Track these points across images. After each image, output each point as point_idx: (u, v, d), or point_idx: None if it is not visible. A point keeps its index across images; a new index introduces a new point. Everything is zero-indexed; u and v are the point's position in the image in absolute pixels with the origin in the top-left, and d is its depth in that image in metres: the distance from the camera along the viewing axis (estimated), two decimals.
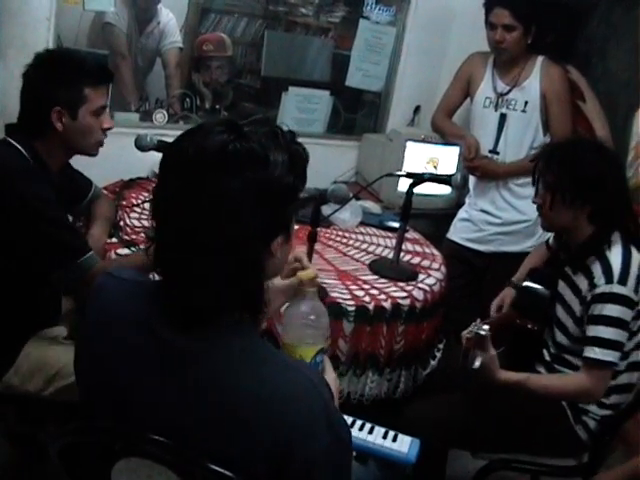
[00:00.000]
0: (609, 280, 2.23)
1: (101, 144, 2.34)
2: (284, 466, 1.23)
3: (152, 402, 1.29)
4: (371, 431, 2.08)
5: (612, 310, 2.22)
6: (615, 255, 2.27)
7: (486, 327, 2.27)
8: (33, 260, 2.15)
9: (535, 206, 2.45)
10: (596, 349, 2.23)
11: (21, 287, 2.20)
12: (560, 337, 2.43)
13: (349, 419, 2.09)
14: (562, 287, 2.44)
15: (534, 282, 2.57)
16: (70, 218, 2.57)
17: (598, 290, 2.25)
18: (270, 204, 1.26)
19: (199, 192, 1.22)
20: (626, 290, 2.22)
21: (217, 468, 1.22)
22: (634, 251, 2.30)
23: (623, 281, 2.23)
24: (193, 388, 1.26)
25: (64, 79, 2.20)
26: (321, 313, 1.66)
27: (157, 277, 1.35)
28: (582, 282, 2.34)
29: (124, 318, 1.35)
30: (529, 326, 2.56)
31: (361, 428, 2.09)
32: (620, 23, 3.35)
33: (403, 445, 2.05)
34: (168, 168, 1.30)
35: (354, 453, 1.71)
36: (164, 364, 1.28)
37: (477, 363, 2.23)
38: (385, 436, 2.07)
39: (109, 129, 2.33)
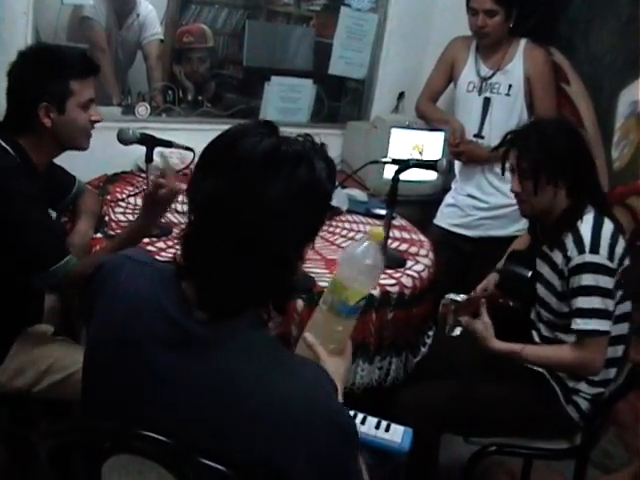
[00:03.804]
0: (581, 250, 2.26)
1: (90, 135, 2.32)
2: (286, 465, 1.23)
3: (158, 391, 1.29)
4: (363, 421, 2.09)
5: (588, 279, 2.24)
6: (586, 226, 2.30)
7: (463, 295, 2.30)
8: (12, 259, 2.13)
9: None
10: (578, 320, 2.26)
11: (5, 285, 2.18)
12: (546, 315, 2.44)
13: None
14: (540, 265, 2.46)
15: (514, 263, 2.57)
16: (54, 214, 2.56)
17: (572, 263, 2.27)
18: (313, 208, 1.30)
19: (248, 191, 1.23)
20: (599, 258, 2.24)
21: (207, 462, 1.21)
22: (606, 220, 2.32)
23: (595, 249, 2.25)
24: (202, 378, 1.26)
25: (49, 74, 2.17)
26: (377, 262, 1.65)
27: None
28: (558, 257, 2.36)
29: (139, 300, 1.35)
30: (511, 304, 2.58)
31: (353, 418, 2.08)
32: (602, 5, 3.34)
33: (396, 435, 2.05)
34: (211, 167, 1.30)
35: None
36: (176, 348, 1.28)
37: (457, 331, 2.27)
38: (378, 426, 2.07)
39: (98, 122, 2.32)
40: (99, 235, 2.52)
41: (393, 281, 2.49)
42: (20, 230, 2.09)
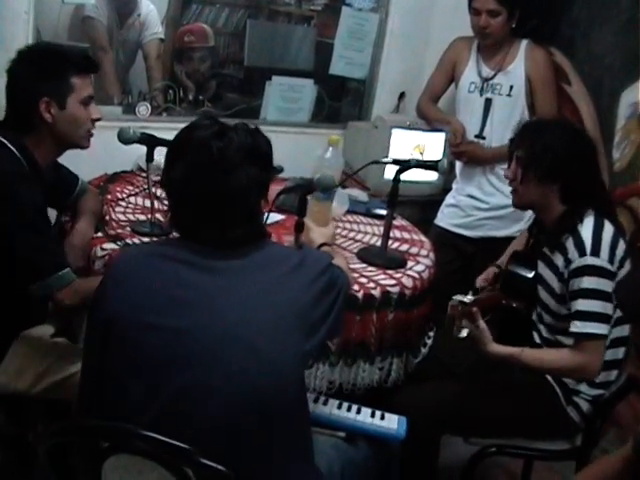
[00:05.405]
0: (582, 253, 2.26)
1: (91, 134, 2.34)
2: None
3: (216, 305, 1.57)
4: (359, 411, 2.12)
5: (589, 282, 2.24)
6: (586, 228, 2.30)
7: (470, 296, 2.30)
8: (15, 264, 2.14)
9: None
10: (578, 323, 2.25)
11: (8, 287, 2.18)
12: (546, 317, 2.44)
13: (335, 402, 2.16)
14: (541, 268, 2.46)
15: (517, 264, 2.57)
16: (55, 213, 2.56)
17: (573, 265, 2.27)
18: (259, 164, 1.64)
19: (208, 166, 1.59)
20: (600, 261, 2.24)
21: (207, 462, 1.21)
22: (607, 223, 2.32)
23: (596, 252, 2.25)
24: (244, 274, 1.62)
25: (50, 69, 2.19)
26: (339, 159, 2.75)
27: None
28: (558, 259, 2.36)
29: (155, 254, 1.65)
30: (514, 305, 2.57)
31: (349, 409, 2.12)
32: (603, 6, 3.35)
33: (392, 422, 2.10)
34: (175, 158, 1.65)
35: (343, 434, 2.05)
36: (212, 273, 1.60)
37: (464, 333, 2.27)
38: (373, 415, 2.11)
39: (98, 120, 2.33)
40: (99, 234, 2.51)
41: (393, 281, 2.49)
42: (23, 238, 2.11)
